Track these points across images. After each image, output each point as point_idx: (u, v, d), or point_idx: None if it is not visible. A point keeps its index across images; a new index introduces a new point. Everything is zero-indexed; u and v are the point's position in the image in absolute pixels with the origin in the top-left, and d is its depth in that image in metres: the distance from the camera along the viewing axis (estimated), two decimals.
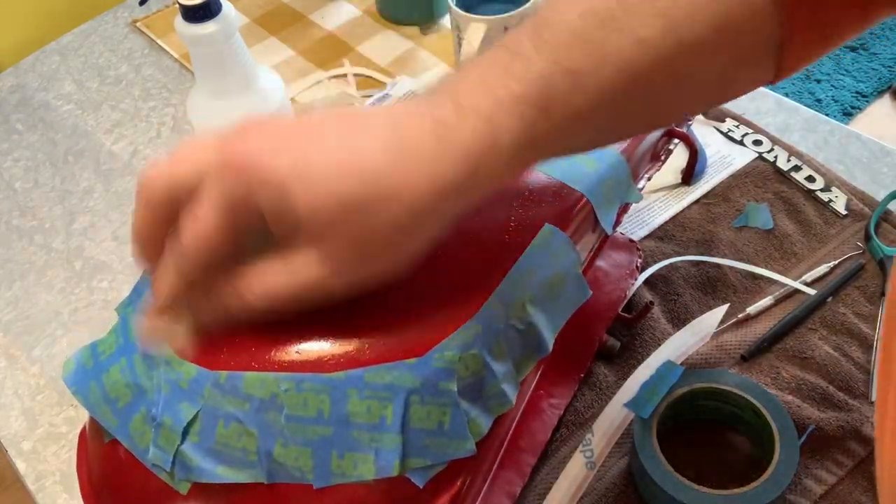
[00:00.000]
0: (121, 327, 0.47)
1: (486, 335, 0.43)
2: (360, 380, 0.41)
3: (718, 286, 0.62)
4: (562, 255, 0.47)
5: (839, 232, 0.65)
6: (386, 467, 0.40)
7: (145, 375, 0.44)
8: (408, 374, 0.41)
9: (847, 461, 0.52)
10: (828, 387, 0.56)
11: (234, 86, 0.61)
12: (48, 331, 0.68)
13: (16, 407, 0.63)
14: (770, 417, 0.50)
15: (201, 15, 0.57)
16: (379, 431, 0.40)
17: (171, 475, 0.42)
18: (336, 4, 0.95)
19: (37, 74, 0.92)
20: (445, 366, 0.41)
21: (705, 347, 0.59)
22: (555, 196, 0.49)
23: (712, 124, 0.74)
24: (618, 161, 0.53)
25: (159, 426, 0.42)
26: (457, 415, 0.41)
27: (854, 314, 0.60)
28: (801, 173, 0.69)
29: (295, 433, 0.41)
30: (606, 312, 0.57)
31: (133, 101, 0.87)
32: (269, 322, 0.41)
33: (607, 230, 0.52)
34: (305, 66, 0.88)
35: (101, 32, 0.96)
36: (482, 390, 0.43)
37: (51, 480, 0.59)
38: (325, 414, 0.40)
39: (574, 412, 0.56)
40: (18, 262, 0.74)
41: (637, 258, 0.60)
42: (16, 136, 0.85)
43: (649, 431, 0.50)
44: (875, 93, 1.91)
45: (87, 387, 0.46)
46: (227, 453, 0.42)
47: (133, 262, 0.46)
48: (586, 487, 0.53)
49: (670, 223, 0.67)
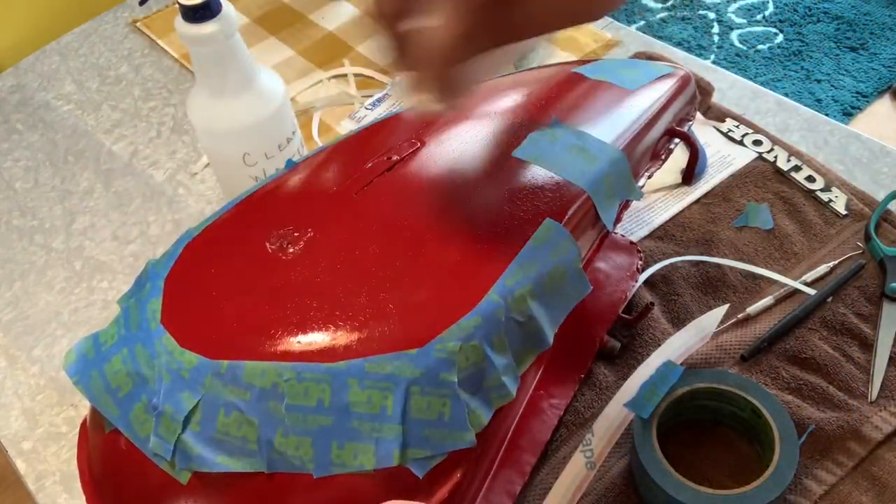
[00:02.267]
0: (123, 318, 0.47)
1: (487, 327, 0.43)
2: (360, 370, 0.41)
3: (718, 286, 0.62)
4: (562, 249, 0.47)
5: (839, 232, 0.65)
6: (386, 457, 0.41)
7: (147, 365, 0.44)
8: (408, 364, 0.41)
9: (847, 461, 0.52)
10: (828, 387, 0.56)
11: (234, 86, 0.61)
12: (48, 331, 0.68)
13: (16, 407, 0.63)
14: (770, 417, 0.50)
15: (201, 15, 0.57)
16: (379, 421, 0.41)
17: (171, 464, 0.43)
18: (336, 4, 0.95)
19: (37, 74, 0.92)
20: (446, 357, 0.41)
21: (705, 347, 0.59)
22: (556, 191, 0.50)
23: (712, 124, 0.74)
24: (618, 158, 0.53)
25: (160, 415, 0.43)
26: (457, 406, 0.42)
27: (854, 314, 0.60)
28: (801, 173, 0.69)
29: (295, 423, 0.41)
30: (607, 314, 0.57)
31: (133, 101, 0.87)
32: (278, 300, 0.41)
33: (608, 226, 0.52)
34: (305, 66, 0.88)
35: (101, 32, 0.97)
36: (482, 382, 0.43)
37: (51, 480, 0.59)
38: (326, 403, 0.41)
39: (574, 412, 0.56)
40: (18, 262, 0.74)
41: (637, 260, 0.61)
42: (16, 136, 0.85)
43: (649, 431, 0.50)
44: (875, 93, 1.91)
45: (88, 376, 0.46)
46: (227, 442, 0.42)
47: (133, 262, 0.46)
48: (586, 487, 0.53)
49: (670, 223, 0.67)
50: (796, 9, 2.14)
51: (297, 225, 0.49)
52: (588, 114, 0.56)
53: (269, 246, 0.48)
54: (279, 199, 0.52)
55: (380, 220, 0.49)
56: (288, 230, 0.49)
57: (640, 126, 0.56)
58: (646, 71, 0.60)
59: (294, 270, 0.46)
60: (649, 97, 0.58)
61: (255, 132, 0.63)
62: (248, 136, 0.63)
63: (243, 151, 0.63)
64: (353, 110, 0.82)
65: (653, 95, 0.59)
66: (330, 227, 0.49)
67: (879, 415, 0.54)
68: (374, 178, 0.51)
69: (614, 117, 0.56)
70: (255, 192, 0.54)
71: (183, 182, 0.78)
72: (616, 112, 0.56)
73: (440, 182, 0.51)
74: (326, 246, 0.48)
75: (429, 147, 0.53)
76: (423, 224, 0.48)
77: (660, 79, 0.60)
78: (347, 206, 0.50)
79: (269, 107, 0.63)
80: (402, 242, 0.47)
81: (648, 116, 0.57)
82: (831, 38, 2.05)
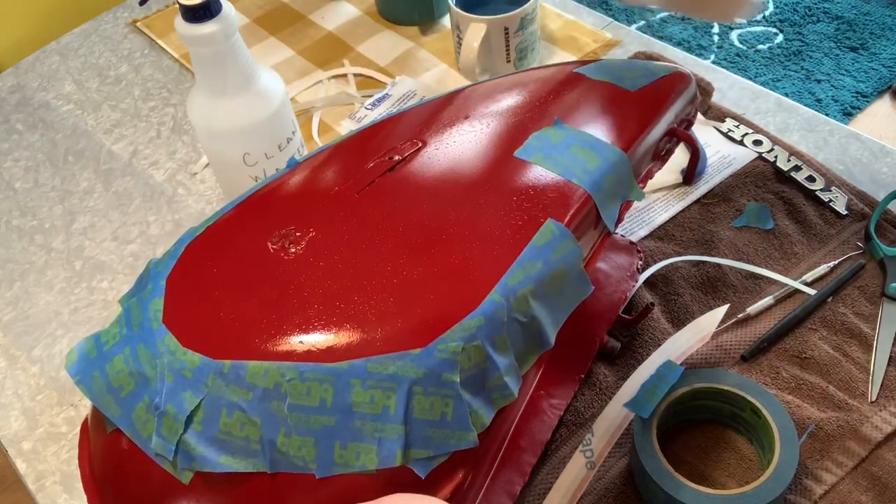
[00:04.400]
0: (124, 318, 0.47)
1: (489, 327, 0.43)
2: (363, 370, 0.41)
3: (718, 286, 0.63)
4: (564, 249, 0.47)
5: (839, 232, 0.65)
6: (388, 457, 0.41)
7: (149, 364, 0.44)
8: (411, 364, 0.41)
9: (847, 461, 0.53)
10: (828, 387, 0.56)
11: (234, 86, 0.61)
12: (48, 331, 0.68)
13: (16, 407, 0.63)
14: (770, 417, 0.50)
15: (201, 15, 0.57)
16: (382, 421, 0.41)
17: (173, 464, 0.43)
18: (336, 4, 0.95)
19: (37, 74, 0.92)
20: (448, 357, 0.42)
21: (705, 347, 0.59)
22: (558, 192, 0.50)
23: (712, 124, 0.74)
24: (620, 158, 0.53)
25: (162, 415, 0.43)
26: (459, 406, 0.42)
27: (854, 314, 0.60)
28: (801, 173, 0.69)
29: (298, 423, 0.41)
30: (607, 314, 0.57)
31: (133, 101, 0.87)
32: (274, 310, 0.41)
33: (610, 226, 0.52)
34: (305, 66, 0.88)
35: (101, 32, 0.97)
36: (485, 382, 0.43)
37: (51, 480, 0.59)
38: (328, 403, 0.41)
39: (574, 412, 0.57)
40: (18, 262, 0.74)
41: (638, 260, 0.61)
42: (16, 136, 0.85)
43: (649, 431, 0.50)
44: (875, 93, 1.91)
45: (90, 376, 0.46)
46: (230, 442, 0.42)
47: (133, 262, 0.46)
48: (586, 487, 0.53)
49: (670, 223, 0.67)
50: (796, 9, 2.14)
51: (298, 225, 0.49)
52: (589, 114, 0.56)
53: (271, 246, 0.48)
54: (281, 199, 0.52)
55: (381, 220, 0.49)
56: (290, 230, 0.49)
57: (642, 126, 0.56)
58: (647, 71, 0.60)
59: (296, 270, 0.46)
60: (651, 97, 0.58)
61: (255, 132, 0.63)
62: (248, 136, 0.63)
63: (243, 151, 0.63)
64: (353, 110, 0.82)
65: (654, 95, 0.59)
66: (332, 226, 0.49)
67: (879, 415, 0.54)
68: (375, 178, 0.52)
69: (616, 118, 0.56)
70: (256, 191, 0.54)
71: (183, 182, 0.78)
72: (617, 112, 0.56)
73: (442, 182, 0.51)
74: (328, 246, 0.48)
75: (430, 147, 0.53)
76: (425, 224, 0.48)
77: (661, 79, 0.60)
78: (349, 205, 0.50)
79: (269, 107, 0.63)
80: (404, 242, 0.47)
81: (650, 117, 0.57)
82: (831, 38, 2.05)
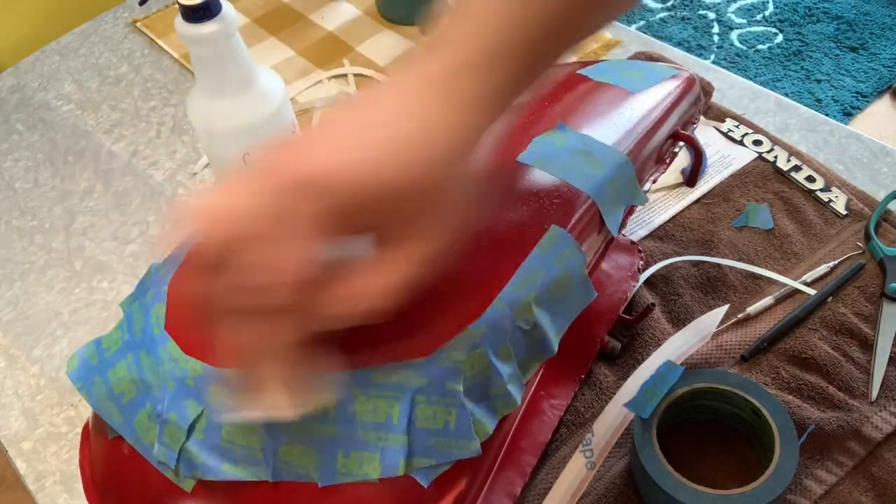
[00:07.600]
0: (126, 323, 0.47)
1: (493, 336, 0.43)
2: (366, 379, 0.41)
3: (718, 286, 0.62)
4: (568, 256, 0.47)
5: (839, 232, 0.65)
6: (391, 466, 0.40)
7: (151, 371, 0.44)
8: (414, 373, 0.41)
9: (847, 461, 0.52)
10: (828, 387, 0.56)
11: (234, 86, 0.61)
12: (48, 331, 0.68)
13: (16, 407, 0.63)
14: (770, 417, 0.50)
15: (201, 15, 0.57)
16: (385, 431, 0.40)
17: (175, 472, 0.42)
18: (336, 4, 0.95)
19: (37, 74, 0.92)
20: (452, 366, 0.41)
21: (705, 347, 0.59)
22: (561, 197, 0.49)
23: (712, 124, 0.74)
24: (623, 163, 0.53)
25: (165, 423, 0.42)
26: (462, 415, 0.41)
27: (854, 314, 0.60)
28: (801, 173, 0.69)
29: (300, 431, 0.41)
30: (608, 314, 0.57)
31: (133, 101, 0.87)
32: None
33: (613, 232, 0.52)
34: (305, 66, 0.88)
35: (101, 32, 0.96)
36: (488, 390, 0.43)
37: (51, 480, 0.59)
38: (331, 412, 0.41)
39: (574, 412, 0.56)
40: (18, 262, 0.74)
41: (638, 260, 0.60)
42: (16, 136, 0.85)
43: (649, 431, 0.50)
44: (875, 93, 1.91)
45: (91, 382, 0.46)
46: (232, 451, 0.42)
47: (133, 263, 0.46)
48: (586, 487, 0.53)
49: (670, 223, 0.67)
50: (796, 9, 2.14)
51: None
52: (592, 116, 0.56)
53: None
54: None
55: None
56: None
57: (646, 129, 0.56)
58: (650, 73, 0.60)
59: None
60: (654, 100, 0.58)
61: (255, 132, 0.63)
62: (248, 136, 0.63)
63: (243, 151, 0.63)
64: None
65: (658, 98, 0.58)
66: None
67: (879, 415, 0.54)
68: None
69: (619, 120, 0.56)
70: None
71: (183, 182, 0.78)
72: (621, 115, 0.56)
73: None
74: None
75: None
76: None
77: (664, 81, 0.60)
78: None
79: (269, 107, 0.63)
80: None
81: (653, 120, 0.57)
82: (831, 38, 2.05)
